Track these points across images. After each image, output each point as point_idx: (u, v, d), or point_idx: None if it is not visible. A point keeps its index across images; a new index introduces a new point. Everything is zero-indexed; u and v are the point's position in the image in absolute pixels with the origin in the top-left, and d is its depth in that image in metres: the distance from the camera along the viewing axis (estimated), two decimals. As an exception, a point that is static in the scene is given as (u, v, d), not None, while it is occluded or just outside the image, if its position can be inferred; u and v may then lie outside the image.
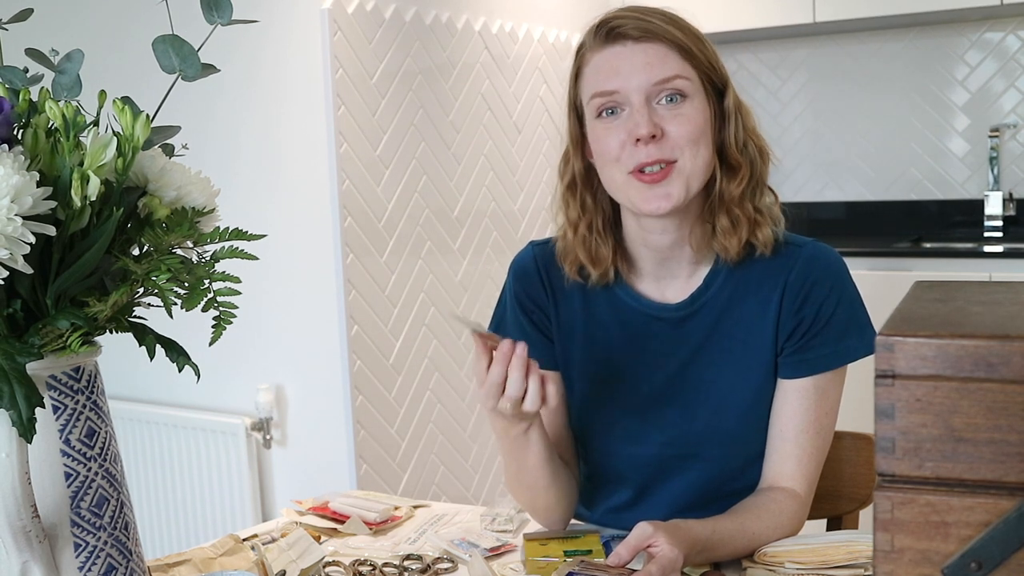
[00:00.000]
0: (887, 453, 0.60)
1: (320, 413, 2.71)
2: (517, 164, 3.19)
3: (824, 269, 1.29)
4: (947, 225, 3.59)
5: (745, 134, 1.30)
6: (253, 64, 2.66)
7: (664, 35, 1.24)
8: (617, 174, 1.25)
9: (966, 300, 0.67)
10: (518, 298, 1.38)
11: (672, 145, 1.23)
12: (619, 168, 1.24)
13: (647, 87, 1.23)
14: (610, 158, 1.25)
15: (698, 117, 1.24)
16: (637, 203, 1.25)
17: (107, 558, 0.95)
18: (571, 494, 1.38)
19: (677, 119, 1.23)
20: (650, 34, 1.24)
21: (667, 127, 1.23)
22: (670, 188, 1.23)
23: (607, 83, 1.25)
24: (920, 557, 0.59)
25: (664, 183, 1.23)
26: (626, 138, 1.23)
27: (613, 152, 1.24)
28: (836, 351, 1.28)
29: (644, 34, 1.24)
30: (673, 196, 1.23)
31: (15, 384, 0.84)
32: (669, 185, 1.23)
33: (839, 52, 3.76)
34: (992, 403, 0.57)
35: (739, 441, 1.32)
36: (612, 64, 1.25)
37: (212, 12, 1.00)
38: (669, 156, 1.23)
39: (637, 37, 1.24)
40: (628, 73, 1.23)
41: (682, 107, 1.24)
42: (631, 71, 1.23)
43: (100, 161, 0.88)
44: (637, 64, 1.23)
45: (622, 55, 1.24)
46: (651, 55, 1.24)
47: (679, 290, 1.33)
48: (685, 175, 1.23)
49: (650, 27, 1.24)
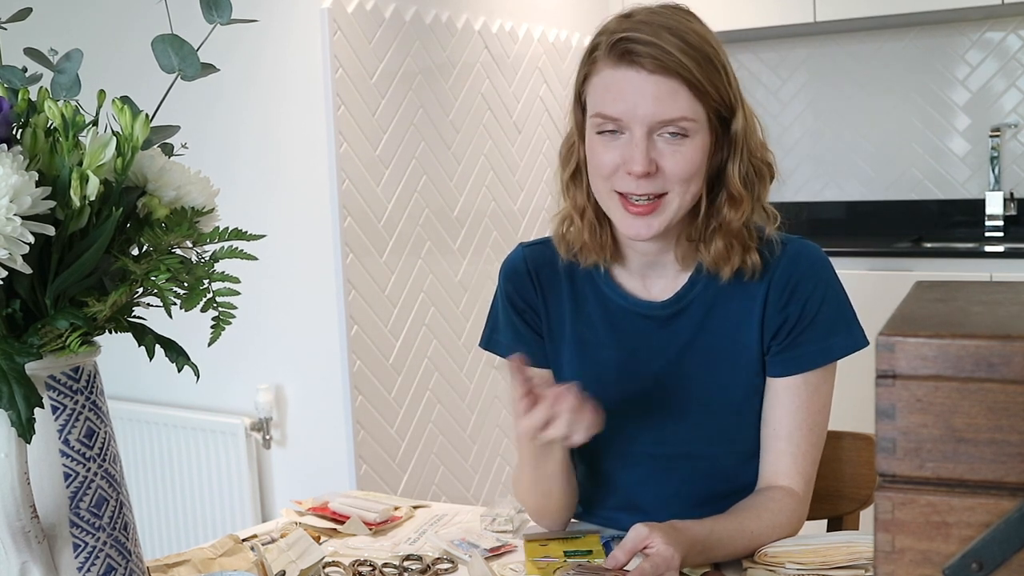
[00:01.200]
0: (888, 453, 0.60)
1: (320, 413, 2.71)
2: (517, 164, 3.19)
3: (809, 266, 1.29)
4: (948, 225, 3.59)
5: (749, 157, 1.27)
6: (253, 64, 2.65)
7: (679, 70, 1.19)
8: (603, 189, 1.25)
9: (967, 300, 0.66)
10: (509, 298, 1.39)
11: (665, 181, 1.22)
12: (607, 186, 1.24)
13: (651, 122, 1.20)
14: (601, 174, 1.24)
15: (696, 156, 1.22)
16: (619, 223, 1.25)
17: (106, 558, 0.95)
18: (576, 497, 1.39)
19: (675, 156, 1.21)
20: (664, 69, 1.19)
21: (664, 162, 1.21)
22: (652, 221, 1.23)
23: (612, 107, 1.21)
24: (921, 557, 0.59)
25: (648, 216, 1.22)
26: (620, 164, 1.22)
27: (605, 171, 1.23)
28: (823, 348, 1.28)
29: (659, 68, 1.19)
30: (655, 227, 1.23)
31: (14, 384, 0.83)
32: (652, 219, 1.23)
33: (839, 52, 3.76)
34: (993, 403, 0.57)
35: (730, 440, 1.32)
36: (621, 88, 1.21)
37: (211, 12, 1.00)
38: (660, 190, 1.22)
39: (651, 69, 1.19)
40: (635, 103, 1.20)
41: (683, 145, 1.21)
42: (638, 102, 1.20)
43: (99, 161, 0.88)
44: (646, 96, 1.20)
45: (633, 82, 1.20)
46: (662, 90, 1.19)
47: (665, 288, 1.33)
48: (672, 209, 1.23)
49: (666, 60, 1.19)
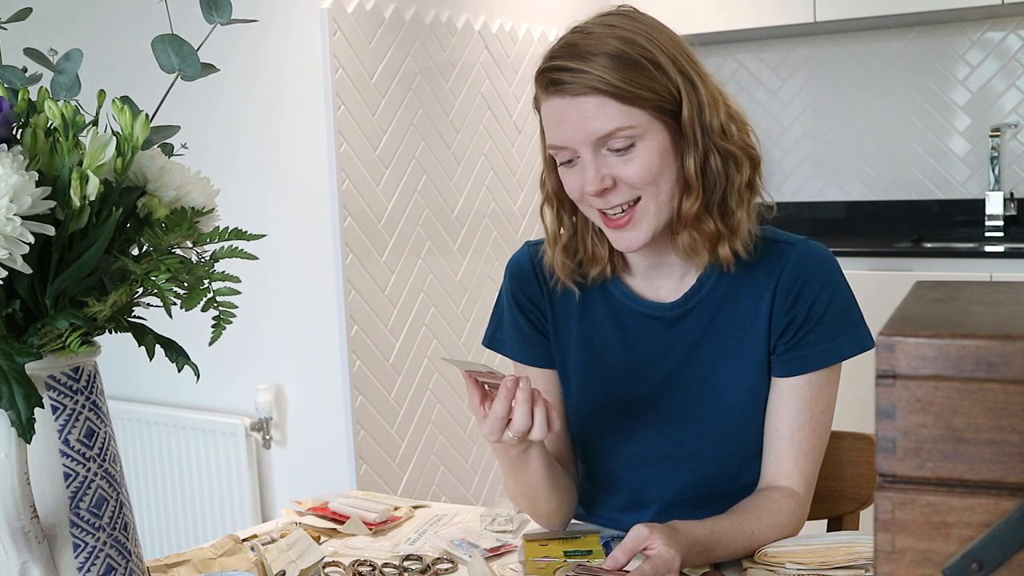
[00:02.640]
0: (888, 453, 0.59)
1: (320, 413, 2.71)
2: (517, 164, 3.19)
3: (816, 267, 1.29)
4: (948, 225, 3.59)
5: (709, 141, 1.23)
6: (253, 64, 2.65)
7: (599, 86, 1.18)
8: (588, 213, 1.27)
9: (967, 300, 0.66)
10: (515, 297, 1.39)
11: (628, 188, 1.22)
12: (588, 210, 1.26)
13: (590, 141, 1.20)
14: (575, 199, 1.26)
15: (651, 157, 1.21)
16: (610, 240, 1.27)
17: (106, 558, 0.95)
18: (571, 498, 1.38)
19: (628, 165, 1.21)
20: (586, 88, 1.18)
21: (619, 174, 1.21)
22: (637, 230, 1.23)
23: (554, 136, 1.23)
24: (921, 558, 0.59)
25: (630, 226, 1.23)
26: (582, 188, 1.23)
27: (575, 195, 1.25)
28: (830, 349, 1.28)
29: (581, 88, 1.18)
30: (642, 235, 1.23)
31: (14, 384, 0.83)
32: (636, 228, 1.23)
33: (839, 52, 3.76)
34: (993, 403, 0.57)
35: (735, 440, 1.31)
36: (556, 117, 1.22)
37: (211, 12, 1.00)
38: (629, 198, 1.22)
39: (574, 92, 1.19)
40: (570, 130, 1.20)
41: (631, 153, 1.21)
42: (572, 128, 1.20)
43: (99, 161, 0.88)
44: (576, 120, 1.19)
45: (563, 109, 1.21)
46: (588, 109, 1.19)
47: (672, 289, 1.33)
48: (651, 212, 1.23)
49: (585, 80, 1.18)
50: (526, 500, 1.34)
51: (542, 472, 1.29)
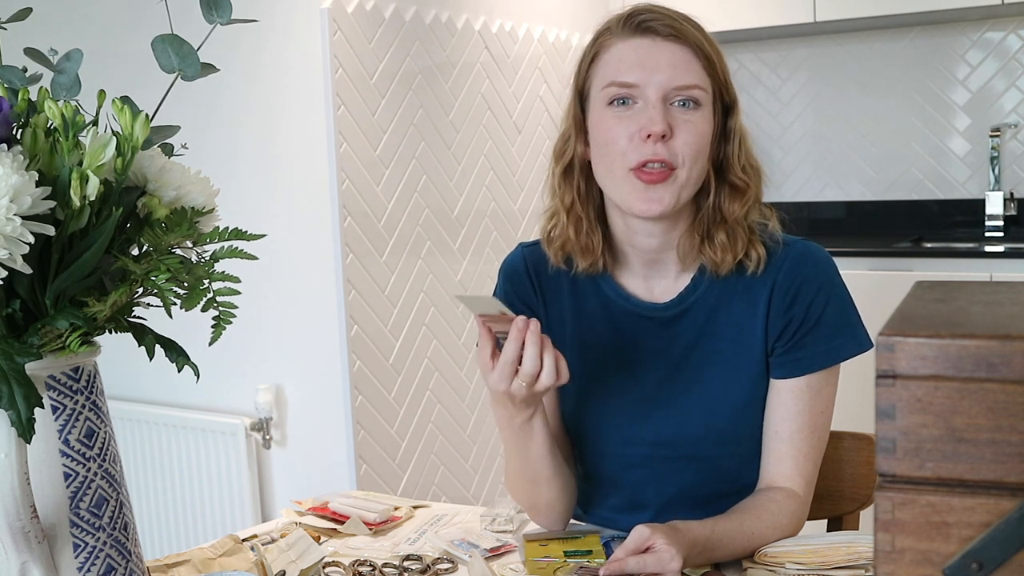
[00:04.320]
0: (888, 453, 0.60)
1: (320, 413, 2.71)
2: (517, 164, 3.19)
3: (812, 268, 1.29)
4: (948, 225, 3.59)
5: (746, 154, 1.30)
6: (253, 64, 2.65)
7: (693, 40, 1.24)
8: (617, 167, 1.24)
9: (967, 300, 0.66)
10: (508, 299, 1.38)
11: (677, 151, 1.23)
12: (621, 162, 1.24)
13: (667, 88, 1.23)
14: (615, 149, 1.24)
15: (705, 128, 1.25)
16: (630, 201, 1.25)
17: (106, 558, 0.95)
18: (571, 491, 1.37)
19: (687, 125, 1.23)
20: (680, 36, 1.24)
21: (677, 130, 1.23)
22: (664, 193, 1.23)
23: (628, 74, 1.24)
24: (921, 558, 0.59)
25: (660, 187, 1.23)
26: (636, 131, 1.22)
27: (620, 144, 1.24)
28: (828, 350, 1.28)
29: (675, 34, 1.24)
30: (665, 201, 1.23)
31: (14, 384, 0.83)
32: (664, 190, 1.23)
33: (840, 52, 3.76)
34: (993, 403, 0.57)
35: (732, 441, 1.31)
36: (637, 56, 1.24)
37: (211, 12, 1.00)
38: (672, 160, 1.23)
39: (666, 35, 1.24)
40: (652, 69, 1.23)
41: (694, 114, 1.24)
42: (655, 67, 1.23)
43: (99, 161, 0.88)
44: (663, 62, 1.23)
45: (650, 49, 1.24)
46: (678, 57, 1.23)
47: (667, 289, 1.32)
48: (679, 184, 1.24)
49: (681, 29, 1.24)
50: (528, 484, 1.33)
51: (545, 448, 1.29)
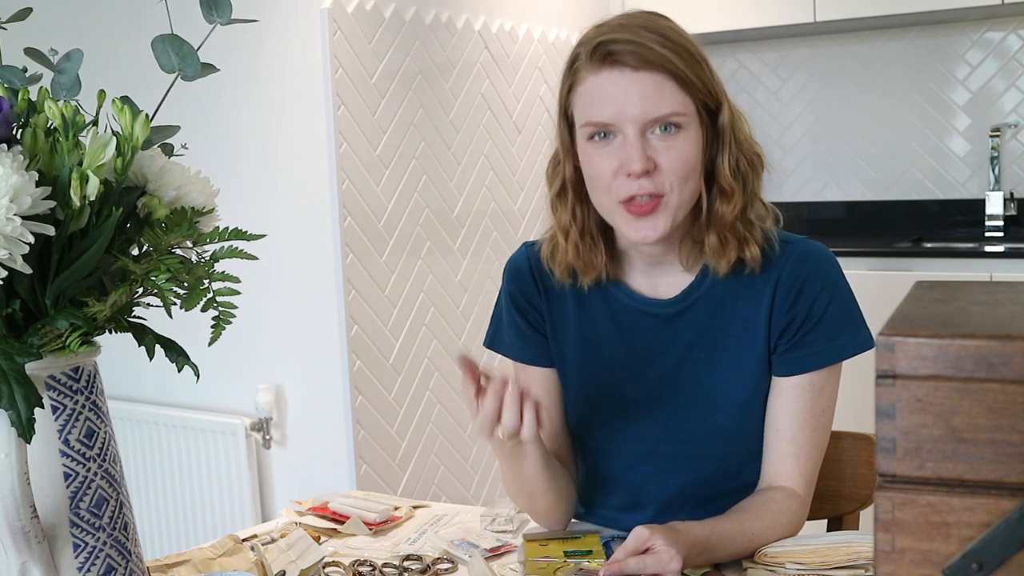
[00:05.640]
0: (888, 453, 0.60)
1: (320, 413, 2.71)
2: (517, 164, 3.19)
3: (816, 266, 1.29)
4: (948, 225, 3.58)
5: (739, 150, 1.27)
6: (253, 64, 2.65)
7: (662, 64, 1.19)
8: (606, 200, 1.25)
9: (967, 300, 0.66)
10: (513, 298, 1.39)
11: (663, 179, 1.21)
12: (609, 196, 1.24)
13: (643, 121, 1.20)
14: (601, 184, 1.24)
15: (691, 150, 1.22)
16: (624, 231, 1.25)
17: (106, 558, 0.95)
18: (570, 496, 1.38)
19: (670, 152, 1.21)
20: (648, 63, 1.19)
21: (660, 159, 1.21)
22: (656, 221, 1.22)
23: (601, 113, 1.21)
24: (921, 558, 0.59)
25: (652, 216, 1.22)
26: (618, 167, 1.21)
27: (604, 180, 1.23)
28: (830, 348, 1.27)
29: (642, 63, 1.19)
30: (660, 228, 1.22)
31: (14, 384, 0.83)
32: (656, 219, 1.22)
33: (839, 52, 3.76)
34: (993, 403, 0.57)
35: (735, 439, 1.31)
36: (607, 92, 1.21)
37: (211, 12, 1.00)
38: (659, 190, 1.21)
39: (635, 66, 1.19)
40: (623, 104, 1.20)
41: (676, 139, 1.21)
42: (626, 103, 1.20)
43: (99, 161, 0.88)
44: (633, 96, 1.19)
45: (618, 84, 1.20)
46: (648, 87, 1.19)
47: (671, 286, 1.32)
48: (671, 208, 1.22)
49: (648, 55, 1.19)
50: (524, 496, 1.34)
51: (538, 466, 1.29)
